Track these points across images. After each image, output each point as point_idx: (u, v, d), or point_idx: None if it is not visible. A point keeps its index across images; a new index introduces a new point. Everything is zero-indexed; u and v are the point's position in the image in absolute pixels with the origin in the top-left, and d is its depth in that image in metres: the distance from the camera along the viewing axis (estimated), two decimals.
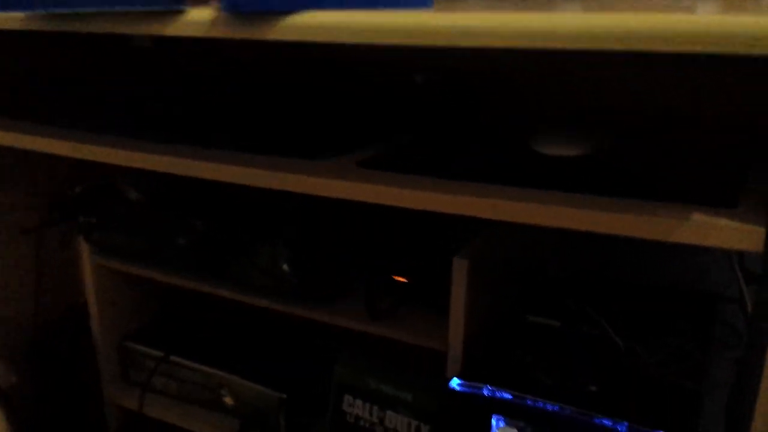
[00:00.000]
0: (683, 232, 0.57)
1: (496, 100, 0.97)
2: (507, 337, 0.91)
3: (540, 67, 0.94)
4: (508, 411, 0.75)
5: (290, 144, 0.81)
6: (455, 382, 0.79)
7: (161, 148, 0.81)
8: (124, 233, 1.06)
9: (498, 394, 0.77)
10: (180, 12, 0.63)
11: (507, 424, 0.74)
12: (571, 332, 0.91)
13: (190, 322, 1.24)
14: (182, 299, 1.26)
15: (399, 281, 0.97)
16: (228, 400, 1.09)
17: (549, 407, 0.74)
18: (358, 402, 0.90)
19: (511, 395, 0.76)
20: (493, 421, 0.75)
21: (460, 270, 0.83)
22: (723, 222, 0.56)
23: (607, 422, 0.71)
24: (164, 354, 1.13)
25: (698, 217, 0.57)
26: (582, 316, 0.92)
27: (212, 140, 0.84)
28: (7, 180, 1.12)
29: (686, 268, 1.07)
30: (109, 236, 1.07)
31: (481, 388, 0.78)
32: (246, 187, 1.05)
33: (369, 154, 0.77)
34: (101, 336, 1.18)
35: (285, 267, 0.95)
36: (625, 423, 0.71)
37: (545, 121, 0.71)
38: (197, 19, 0.63)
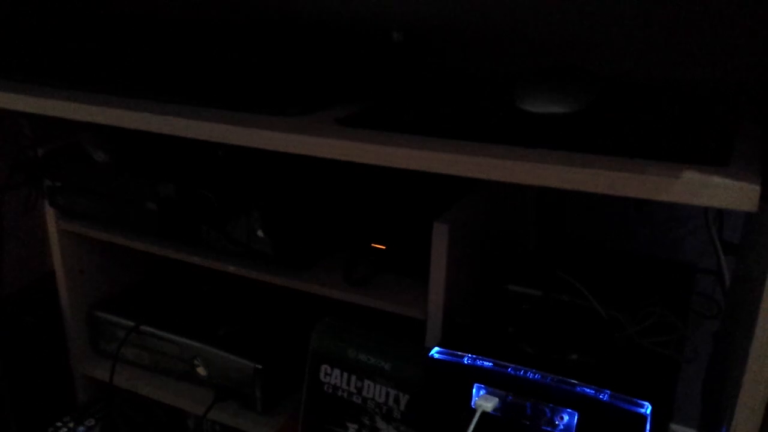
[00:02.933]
0: (674, 190, 0.54)
1: (479, 56, 0.93)
2: (488, 306, 0.89)
3: (524, 20, 0.91)
4: (488, 379, 0.72)
5: (260, 99, 0.77)
6: (435, 351, 0.77)
7: (122, 102, 0.77)
8: (90, 197, 1.01)
9: (479, 363, 0.74)
10: None
11: (488, 392, 0.72)
12: (552, 301, 0.89)
13: (162, 291, 1.20)
14: (154, 266, 1.23)
15: (377, 248, 0.94)
16: (201, 371, 1.06)
17: (530, 375, 0.72)
18: (336, 371, 0.87)
19: (492, 363, 0.74)
20: (474, 390, 0.73)
21: (440, 235, 0.81)
22: (715, 180, 0.53)
23: (589, 390, 0.69)
24: (135, 324, 1.09)
25: (690, 175, 0.54)
26: (563, 286, 0.90)
27: (177, 93, 0.79)
28: None
29: (663, 239, 1.06)
30: (75, 200, 1.03)
31: (461, 357, 0.75)
32: (218, 149, 1.01)
33: (347, 112, 0.73)
34: (69, 305, 1.14)
35: (260, 233, 0.92)
36: (607, 391, 0.69)
37: (530, 78, 0.68)
38: None
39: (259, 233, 0.92)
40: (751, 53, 0.82)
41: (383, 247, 0.94)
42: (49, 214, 1.08)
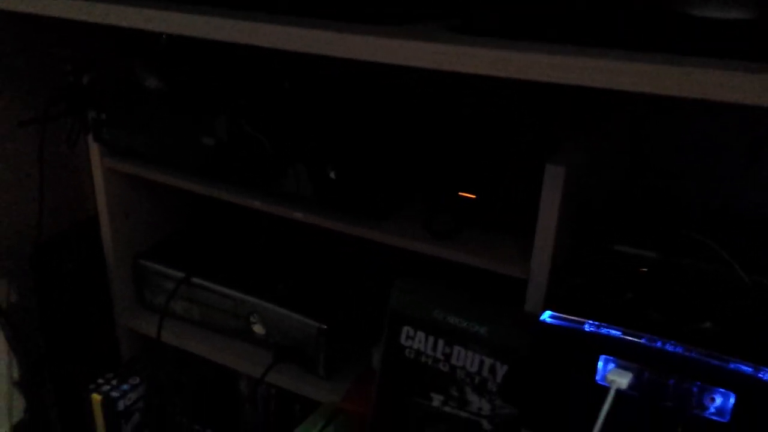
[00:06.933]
0: None
1: None
2: (594, 267, 0.76)
3: None
4: (618, 351, 0.60)
5: (357, 5, 0.64)
6: (547, 315, 0.65)
7: (191, 8, 0.64)
8: (140, 130, 0.90)
9: (604, 331, 0.62)
10: None
11: (618, 366, 0.60)
12: (673, 264, 0.76)
13: (216, 239, 1.09)
14: (207, 211, 1.11)
15: (465, 197, 0.82)
16: (258, 329, 0.96)
17: (670, 348, 0.60)
18: (420, 335, 0.76)
19: (621, 332, 0.62)
20: (600, 363, 0.61)
21: (554, 179, 0.68)
22: None
23: (746, 368, 0.57)
24: (185, 274, 0.99)
25: None
26: (681, 247, 0.77)
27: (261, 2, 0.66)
28: (4, 64, 0.95)
29: None
30: (122, 134, 0.92)
31: (581, 324, 0.63)
32: (284, 81, 0.89)
33: (458, 21, 0.60)
34: (113, 252, 1.04)
35: (332, 175, 0.80)
36: None
37: None
38: None
39: (332, 175, 0.80)
40: None
41: (473, 197, 0.82)
42: (93, 150, 0.97)
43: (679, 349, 0.59)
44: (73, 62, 0.95)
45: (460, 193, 0.82)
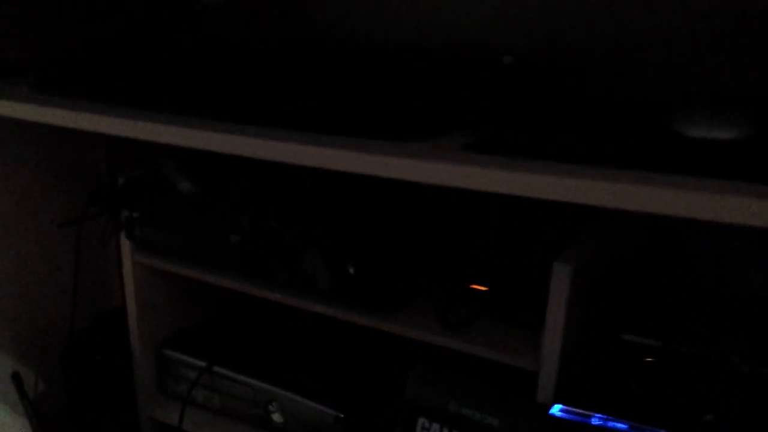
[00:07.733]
0: None
1: (614, 74, 0.84)
2: (601, 357, 0.80)
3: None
4: None
5: (375, 124, 0.70)
6: (557, 408, 0.68)
7: (220, 126, 0.71)
8: (171, 229, 0.96)
9: (611, 424, 0.65)
10: None
11: None
12: (677, 353, 0.79)
13: (237, 329, 1.13)
14: (228, 303, 1.16)
15: (477, 290, 0.87)
16: (277, 417, 0.99)
17: None
18: (435, 426, 0.79)
19: (628, 426, 0.65)
20: None
21: (561, 277, 0.73)
22: None
23: None
24: (207, 364, 1.03)
25: None
26: (687, 334, 0.80)
27: (285, 119, 0.73)
28: (43, 168, 1.02)
29: None
30: (153, 232, 0.97)
31: (588, 417, 0.67)
32: (308, 180, 0.95)
33: (467, 139, 0.66)
34: (139, 342, 1.08)
35: (351, 270, 0.85)
36: None
37: (685, 100, 0.60)
38: None
39: (350, 270, 0.85)
40: None
41: (485, 289, 0.86)
42: (125, 246, 1.02)
43: None
44: (108, 164, 1.02)
45: (472, 286, 0.87)
